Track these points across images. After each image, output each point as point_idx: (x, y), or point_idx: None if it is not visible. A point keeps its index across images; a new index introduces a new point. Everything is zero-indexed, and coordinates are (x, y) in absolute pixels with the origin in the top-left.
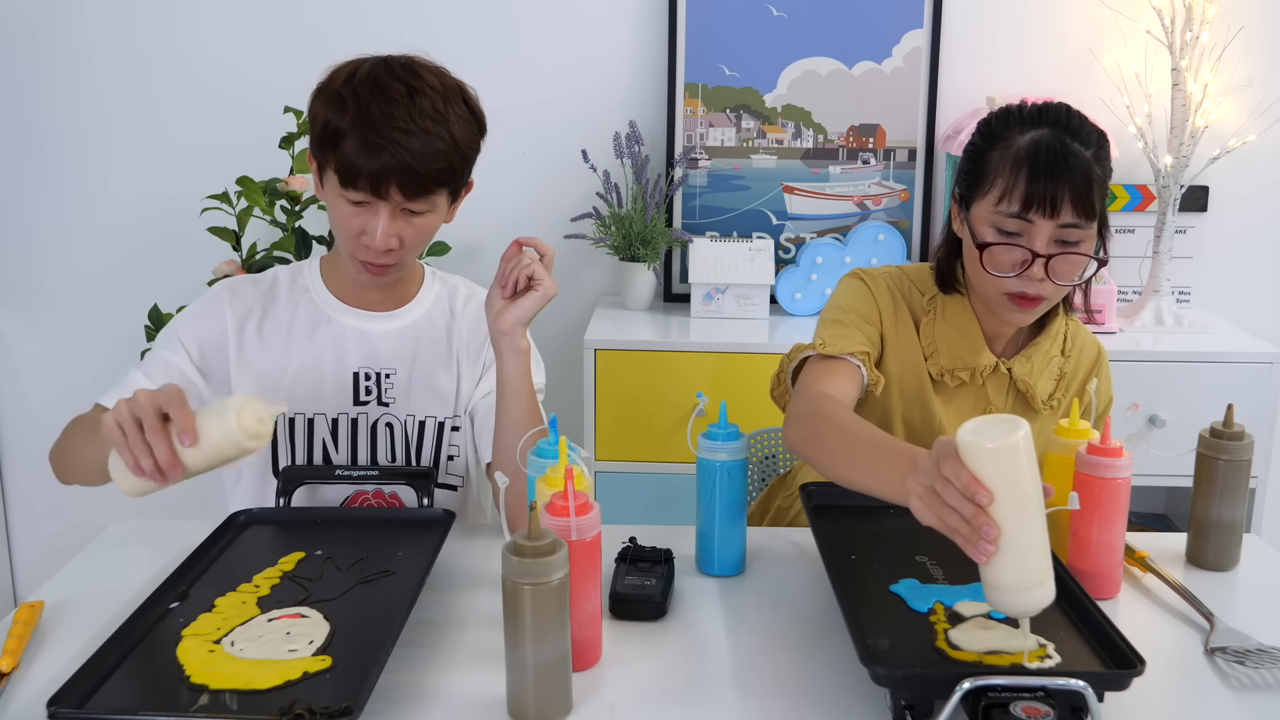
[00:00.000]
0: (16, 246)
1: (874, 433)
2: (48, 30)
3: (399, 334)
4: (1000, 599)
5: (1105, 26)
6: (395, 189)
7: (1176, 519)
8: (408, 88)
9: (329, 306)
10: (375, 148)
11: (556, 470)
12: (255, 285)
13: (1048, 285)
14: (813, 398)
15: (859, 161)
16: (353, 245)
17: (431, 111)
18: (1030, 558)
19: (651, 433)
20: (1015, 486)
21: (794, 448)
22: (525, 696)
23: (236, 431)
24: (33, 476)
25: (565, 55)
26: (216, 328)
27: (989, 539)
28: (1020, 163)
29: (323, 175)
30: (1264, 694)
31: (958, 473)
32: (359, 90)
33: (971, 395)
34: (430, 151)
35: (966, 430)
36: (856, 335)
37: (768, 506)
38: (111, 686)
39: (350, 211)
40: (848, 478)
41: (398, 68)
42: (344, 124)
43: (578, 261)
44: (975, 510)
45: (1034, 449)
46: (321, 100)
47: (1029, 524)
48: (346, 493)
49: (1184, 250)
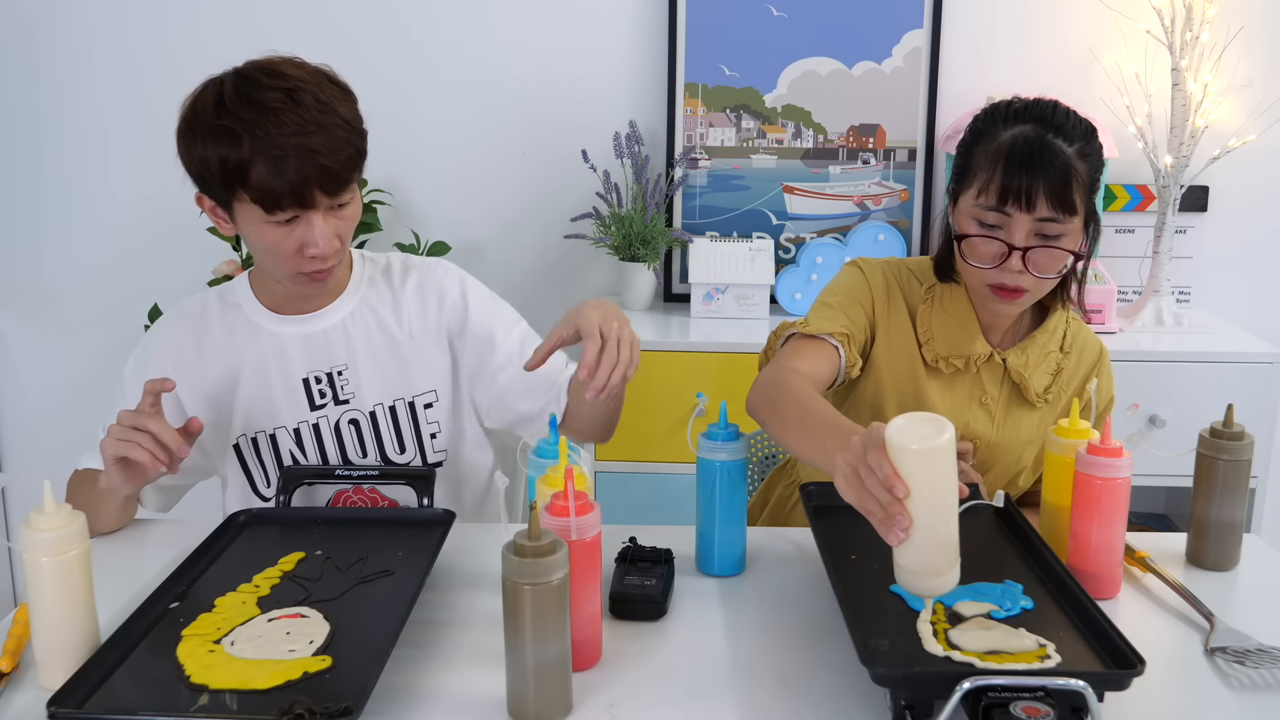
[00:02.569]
0: (16, 246)
1: (825, 407)
2: (48, 30)
3: (340, 328)
4: (905, 579)
5: (1105, 26)
6: (319, 193)
7: (1176, 519)
8: (283, 92)
9: (262, 318)
10: (284, 163)
11: (556, 470)
12: (183, 315)
13: (1027, 278)
14: (779, 369)
15: (859, 161)
16: (294, 262)
17: (315, 105)
18: (937, 549)
19: (651, 433)
20: (932, 486)
21: (752, 410)
22: (525, 696)
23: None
24: (33, 476)
25: (565, 55)
26: (157, 371)
27: (901, 527)
28: (999, 157)
29: (231, 211)
30: (1264, 694)
31: (880, 464)
32: (240, 114)
33: (967, 384)
34: (335, 144)
35: (894, 428)
36: (840, 318)
37: (767, 497)
38: (111, 686)
39: (281, 234)
40: (795, 445)
41: (262, 76)
42: (244, 154)
43: (578, 261)
44: (892, 500)
45: (955, 451)
46: (200, 140)
47: (940, 519)
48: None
49: (1184, 250)
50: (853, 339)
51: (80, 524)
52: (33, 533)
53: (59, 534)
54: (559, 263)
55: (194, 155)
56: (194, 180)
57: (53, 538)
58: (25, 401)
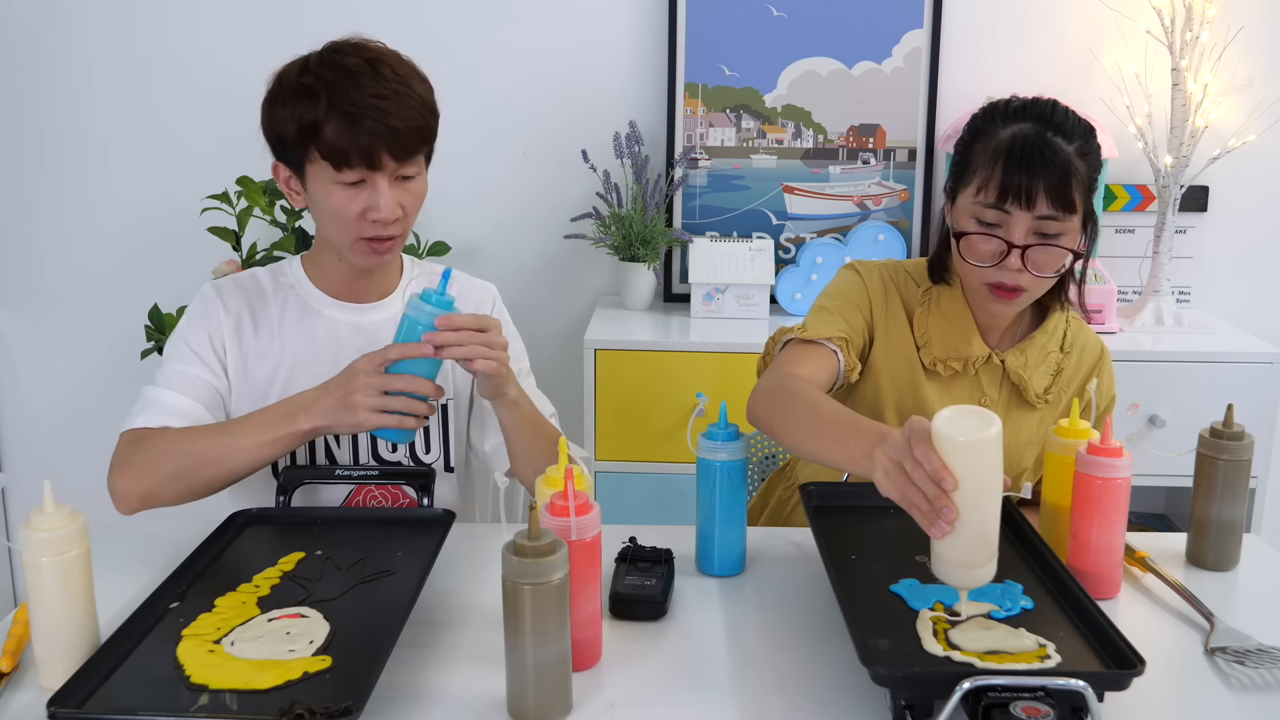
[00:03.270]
0: (16, 246)
1: (839, 407)
2: (47, 32)
3: (392, 322)
4: (944, 571)
5: (1105, 26)
6: (387, 155)
7: (1176, 519)
8: (364, 60)
9: (317, 301)
10: (357, 121)
11: (556, 470)
12: (240, 285)
13: (1025, 276)
14: (781, 375)
15: (859, 161)
16: (357, 227)
17: (394, 76)
18: (980, 541)
19: (651, 433)
20: (979, 478)
21: (756, 418)
22: (525, 696)
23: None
24: (33, 476)
25: (565, 55)
26: (216, 328)
27: (947, 520)
28: (999, 155)
29: (304, 174)
30: (1264, 694)
31: (928, 457)
32: (321, 74)
33: (966, 386)
34: (407, 111)
35: (942, 419)
36: (838, 322)
37: (768, 499)
38: (111, 686)
39: (347, 195)
40: (809, 449)
41: (347, 47)
42: (319, 112)
43: (578, 261)
44: (939, 493)
45: (1002, 444)
46: (282, 103)
47: (985, 512)
48: (346, 493)
49: (1184, 250)
50: (851, 343)
51: (80, 524)
52: (33, 533)
53: (59, 534)
54: (559, 263)
55: (275, 118)
56: (272, 148)
57: (53, 538)
58: (25, 401)
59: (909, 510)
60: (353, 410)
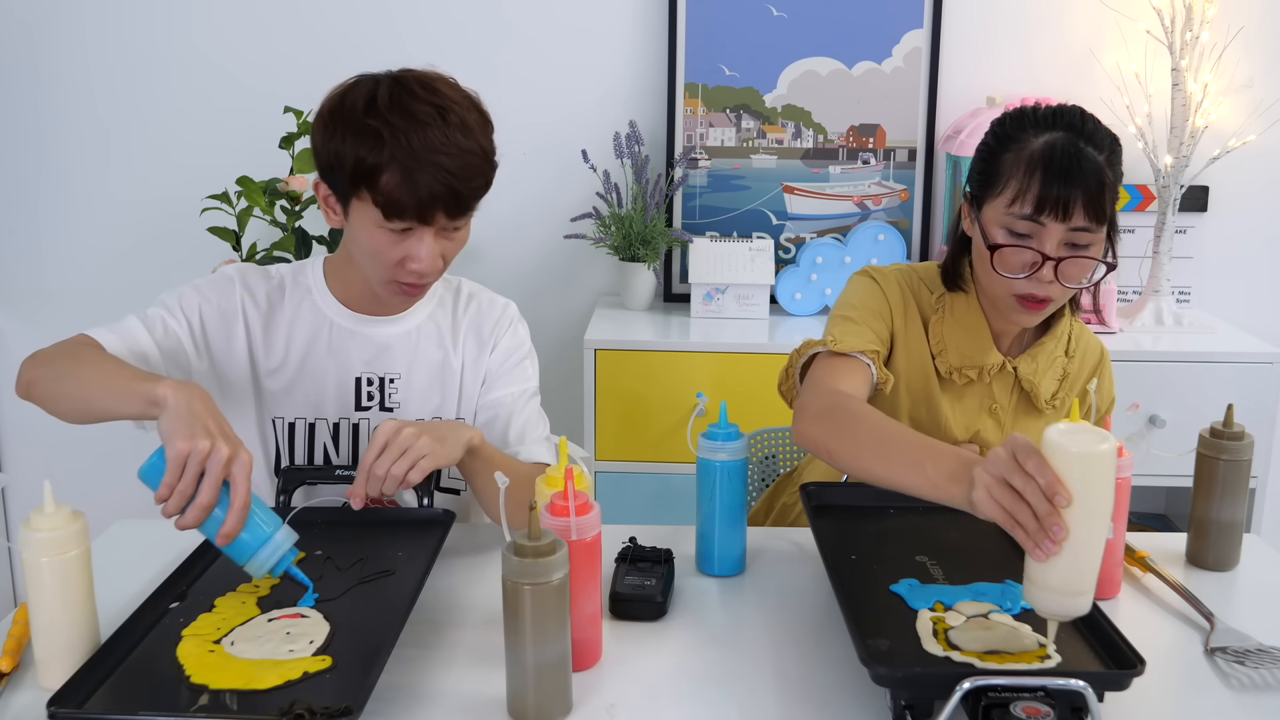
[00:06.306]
0: (16, 246)
1: (906, 429)
2: (47, 31)
3: (404, 338)
4: (1041, 598)
5: (1105, 26)
6: (441, 214)
7: (1176, 519)
8: (436, 108)
9: (333, 311)
10: (417, 176)
11: (556, 470)
12: (265, 278)
13: (1055, 287)
14: (830, 394)
15: (859, 161)
16: (393, 271)
17: (462, 127)
18: (1085, 565)
19: (651, 433)
20: (1093, 495)
21: (810, 442)
22: (525, 696)
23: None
24: (33, 476)
25: (565, 55)
26: (227, 309)
27: (1055, 539)
28: (1034, 165)
29: (347, 206)
30: (1264, 694)
31: (1042, 470)
32: (390, 119)
33: (978, 394)
34: (470, 171)
35: (1057, 431)
36: (867, 333)
37: (772, 504)
38: (111, 686)
39: (389, 240)
40: (876, 472)
41: (417, 87)
42: (381, 159)
43: (578, 261)
44: (1050, 510)
45: (1115, 461)
46: (341, 134)
47: (1093, 533)
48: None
49: (1184, 250)
50: (881, 355)
51: (80, 524)
52: (32, 533)
53: (59, 534)
54: (559, 263)
55: (330, 147)
56: (319, 168)
57: (53, 538)
58: (25, 402)
59: (1012, 531)
60: (190, 439)
